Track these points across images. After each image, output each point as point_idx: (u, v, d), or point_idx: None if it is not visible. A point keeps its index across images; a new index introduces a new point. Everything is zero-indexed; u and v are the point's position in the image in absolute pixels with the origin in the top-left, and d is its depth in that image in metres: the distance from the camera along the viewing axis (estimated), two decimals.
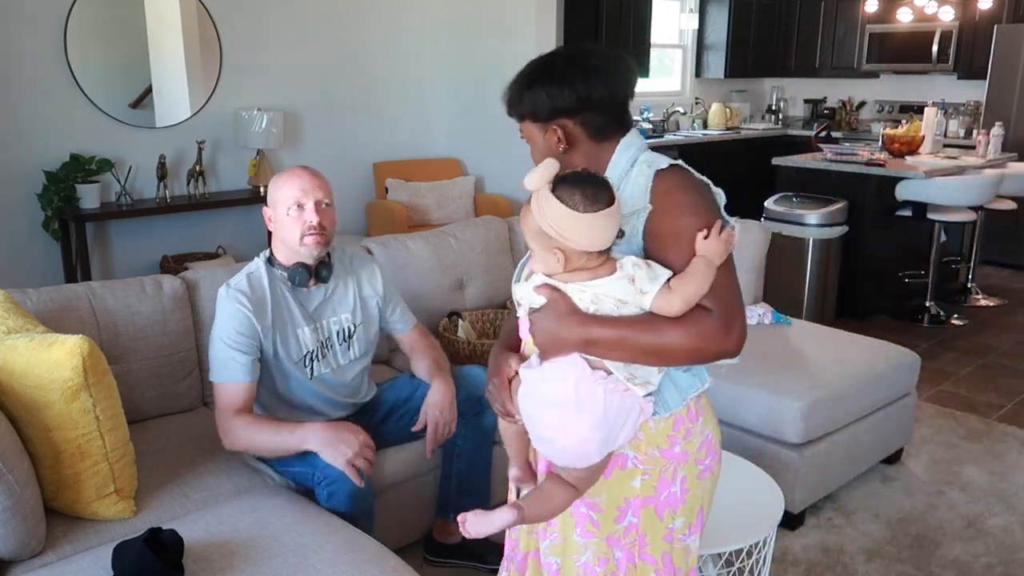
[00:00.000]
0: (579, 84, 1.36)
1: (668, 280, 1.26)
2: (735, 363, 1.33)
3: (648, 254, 1.32)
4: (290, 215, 2.13)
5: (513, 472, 1.48)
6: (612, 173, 1.37)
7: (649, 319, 1.26)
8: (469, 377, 2.45)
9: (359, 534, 1.84)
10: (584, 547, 1.41)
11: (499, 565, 2.43)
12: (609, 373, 1.29)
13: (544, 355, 1.31)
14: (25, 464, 1.77)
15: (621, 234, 1.29)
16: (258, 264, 2.22)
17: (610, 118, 1.40)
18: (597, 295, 1.27)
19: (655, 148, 1.40)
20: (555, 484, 1.36)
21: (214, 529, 1.81)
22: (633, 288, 1.26)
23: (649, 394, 1.32)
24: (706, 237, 1.28)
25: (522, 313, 1.38)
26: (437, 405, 2.25)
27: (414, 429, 2.29)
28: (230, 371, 2.09)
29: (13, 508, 1.69)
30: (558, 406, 1.28)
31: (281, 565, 1.68)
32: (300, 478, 2.11)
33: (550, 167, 1.26)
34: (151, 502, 1.99)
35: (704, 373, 1.40)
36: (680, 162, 1.38)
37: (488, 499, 2.53)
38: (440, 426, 2.25)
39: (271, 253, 2.23)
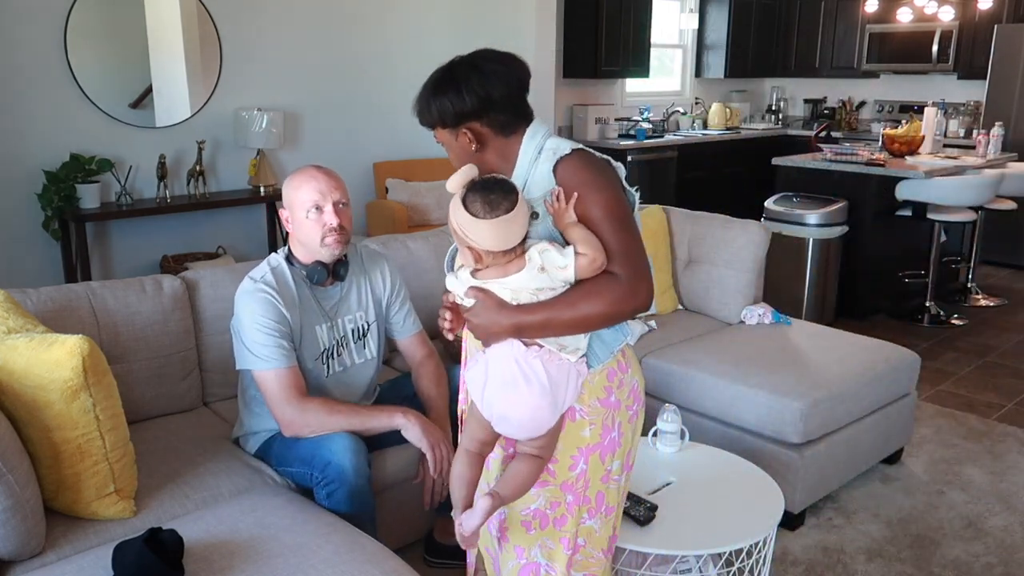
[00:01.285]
0: (478, 87, 1.48)
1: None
2: (652, 312, 1.50)
3: (561, 232, 1.46)
4: (309, 218, 2.13)
5: (468, 522, 1.52)
6: (522, 161, 1.52)
7: (565, 298, 1.42)
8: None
9: (359, 534, 1.84)
10: (536, 496, 1.55)
11: None
12: (542, 347, 1.45)
13: (484, 344, 1.49)
14: (25, 464, 1.77)
15: (535, 215, 1.46)
16: (279, 260, 2.22)
17: (512, 114, 1.52)
18: (513, 290, 1.43)
19: (655, 148, 1.44)
20: (523, 461, 1.51)
21: (214, 529, 1.81)
22: (545, 275, 1.42)
23: (582, 356, 1.48)
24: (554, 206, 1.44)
25: (455, 299, 1.53)
26: (434, 465, 2.17)
27: (415, 482, 2.29)
28: (278, 358, 2.09)
29: (13, 508, 1.69)
30: (508, 384, 1.44)
31: (281, 565, 1.68)
32: (299, 478, 2.11)
33: (467, 173, 1.42)
34: (151, 502, 1.99)
35: (627, 328, 1.54)
36: (581, 146, 1.51)
37: None
38: (436, 483, 2.22)
39: (289, 251, 2.23)
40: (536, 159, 1.51)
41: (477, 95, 1.48)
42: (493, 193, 1.39)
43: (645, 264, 1.45)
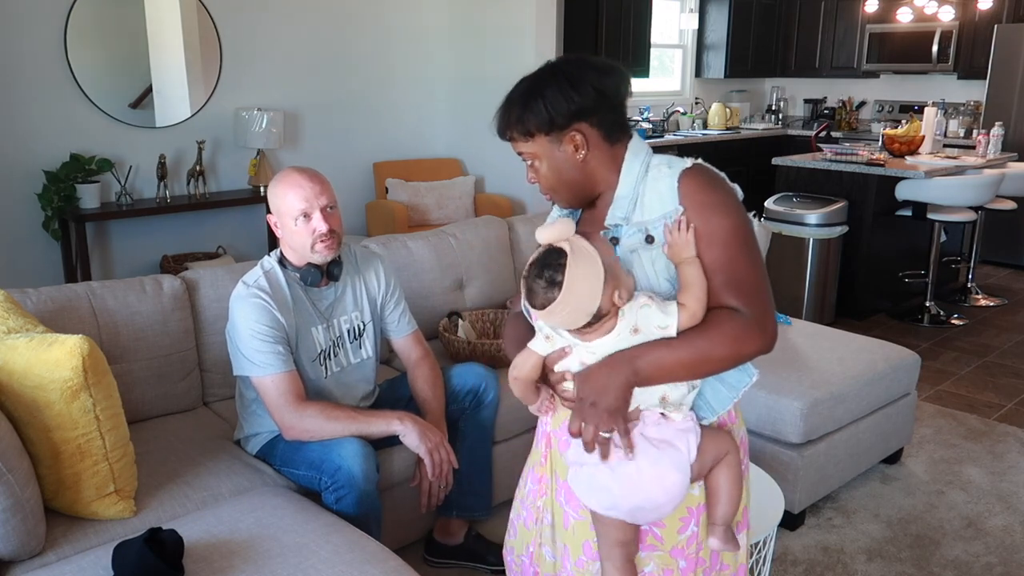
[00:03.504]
0: (594, 80, 1.32)
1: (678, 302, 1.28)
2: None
3: None
4: (298, 225, 2.11)
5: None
6: (627, 178, 1.36)
7: (683, 337, 1.26)
8: (468, 373, 2.45)
9: (359, 534, 1.84)
10: (647, 559, 1.40)
11: (499, 565, 2.45)
12: (645, 420, 1.30)
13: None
14: (25, 464, 1.77)
15: (650, 239, 1.30)
16: (272, 263, 2.20)
17: (620, 117, 1.37)
18: (599, 356, 1.27)
19: (655, 148, 1.40)
20: (723, 472, 1.38)
21: (214, 529, 1.81)
22: (639, 336, 1.26)
23: (690, 411, 1.34)
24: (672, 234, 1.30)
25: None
26: (432, 469, 2.17)
27: (411, 485, 2.29)
28: (275, 364, 2.08)
29: (13, 508, 1.69)
30: (631, 472, 1.29)
31: (281, 565, 1.68)
32: (305, 481, 2.11)
33: (564, 228, 1.23)
34: (151, 502, 1.99)
35: (750, 368, 1.40)
36: (700, 160, 1.37)
37: (490, 497, 2.54)
38: (434, 487, 2.23)
39: (281, 255, 2.22)
40: (644, 176, 1.35)
41: (594, 87, 1.31)
42: (541, 278, 1.22)
43: (770, 300, 1.31)
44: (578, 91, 1.31)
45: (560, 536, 1.48)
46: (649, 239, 1.30)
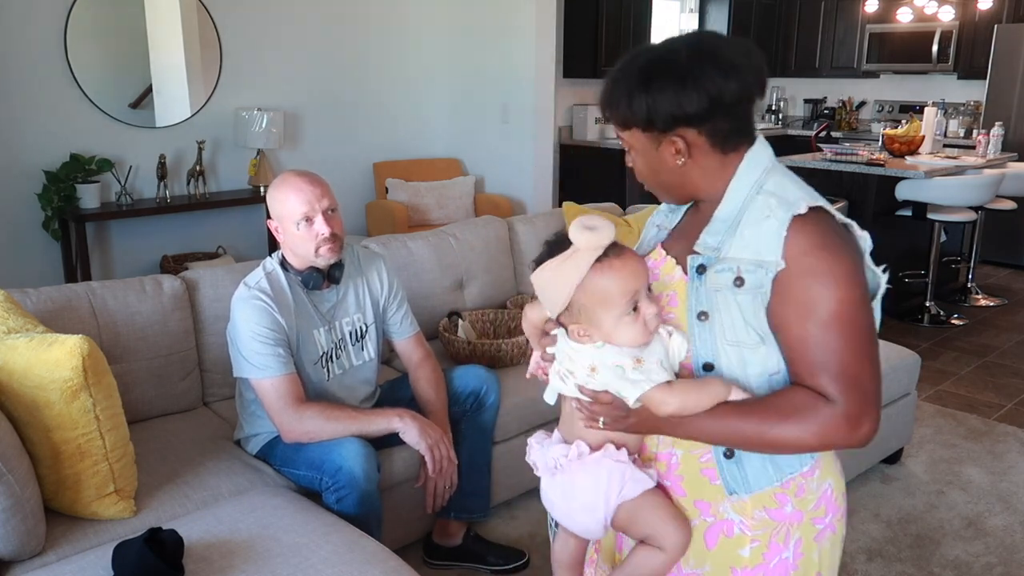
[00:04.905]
0: (710, 83, 1.11)
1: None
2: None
3: (769, 316, 1.12)
4: (300, 229, 2.10)
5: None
6: (734, 195, 1.16)
7: (758, 409, 1.09)
8: (469, 375, 2.45)
9: (359, 534, 1.84)
10: None
11: (498, 566, 2.45)
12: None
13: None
14: (25, 464, 1.77)
15: (740, 282, 1.11)
16: (274, 265, 2.20)
17: (739, 124, 1.17)
18: (570, 360, 1.17)
19: None
20: (639, 551, 1.24)
21: (214, 529, 1.81)
22: (636, 372, 1.11)
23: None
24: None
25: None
26: (433, 465, 2.19)
27: (416, 486, 2.30)
28: (275, 366, 2.08)
29: (13, 508, 1.69)
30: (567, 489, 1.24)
31: (281, 565, 1.68)
32: (306, 481, 2.11)
33: (605, 234, 1.09)
34: (151, 502, 1.99)
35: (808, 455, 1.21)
36: (820, 203, 1.12)
37: (489, 498, 2.54)
38: (438, 486, 2.25)
39: (283, 258, 2.22)
40: (753, 199, 1.14)
41: (708, 94, 1.11)
42: (539, 256, 1.14)
43: (877, 390, 1.09)
44: (689, 95, 1.11)
45: (606, 559, 1.43)
46: (739, 281, 1.11)
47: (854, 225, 1.16)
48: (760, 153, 1.19)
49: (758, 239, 1.11)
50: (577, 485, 1.22)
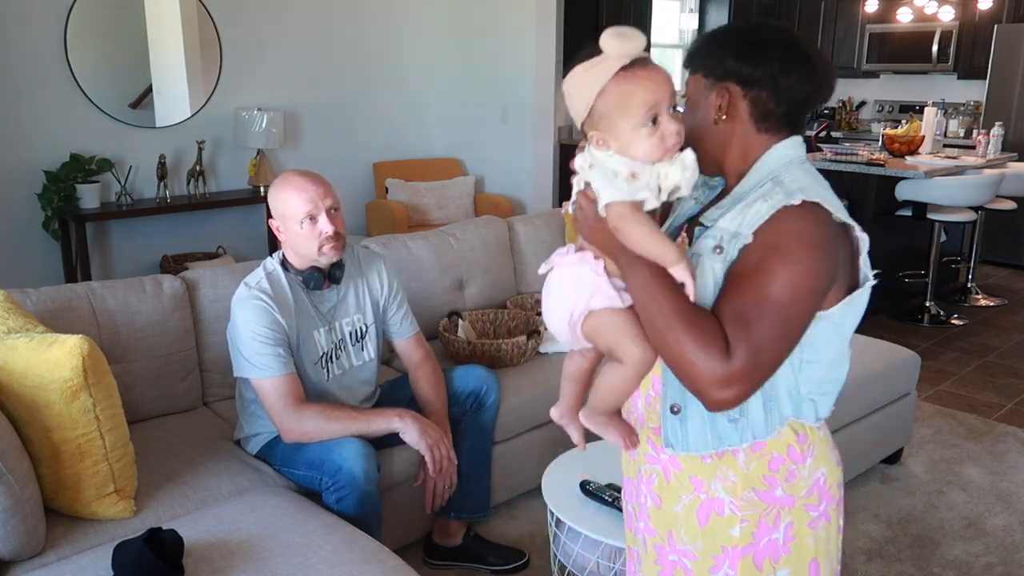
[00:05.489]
0: (775, 60, 1.17)
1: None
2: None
3: (725, 279, 1.16)
4: (303, 228, 2.10)
5: (555, 411, 1.39)
6: (750, 179, 1.21)
7: (685, 303, 1.11)
8: (469, 375, 2.45)
9: (359, 534, 1.84)
10: None
11: (498, 566, 2.45)
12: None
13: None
14: (25, 464, 1.77)
15: (719, 250, 1.16)
16: (274, 265, 2.20)
17: (783, 111, 1.20)
18: (585, 170, 1.17)
19: None
20: (607, 369, 1.26)
21: (214, 529, 1.81)
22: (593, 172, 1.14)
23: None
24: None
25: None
26: (432, 465, 2.20)
27: (415, 485, 2.30)
28: (276, 366, 2.08)
29: (13, 508, 1.69)
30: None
31: (281, 565, 1.68)
32: (306, 481, 2.11)
33: (635, 45, 1.13)
34: (151, 502, 1.99)
35: (824, 407, 1.27)
36: (819, 201, 1.14)
37: (489, 497, 2.54)
38: (438, 486, 2.26)
39: (283, 257, 2.22)
40: (764, 184, 1.19)
41: (768, 65, 1.17)
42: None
43: (763, 377, 1.13)
44: (752, 57, 1.18)
45: (625, 537, 1.48)
46: (718, 249, 1.16)
47: (856, 228, 1.18)
48: (790, 147, 1.23)
49: (745, 216, 1.16)
50: (557, 283, 1.24)
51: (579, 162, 1.17)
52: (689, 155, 1.14)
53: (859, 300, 1.20)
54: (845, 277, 1.18)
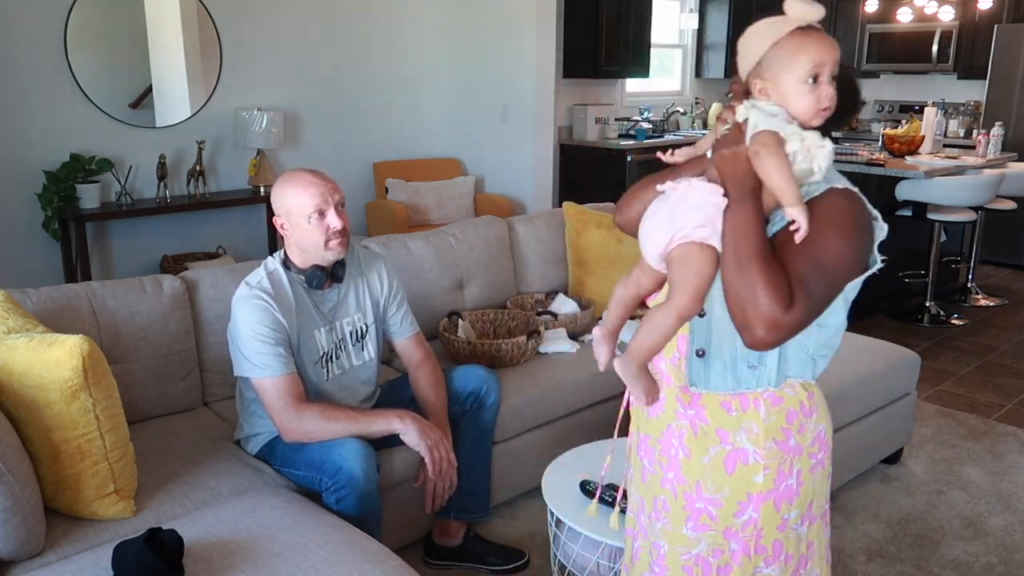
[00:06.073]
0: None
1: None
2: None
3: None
4: (311, 223, 2.10)
5: (597, 331, 1.50)
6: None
7: (767, 246, 1.26)
8: (469, 375, 2.45)
9: (359, 534, 1.84)
10: (697, 540, 1.44)
11: (498, 566, 2.45)
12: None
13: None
14: (25, 464, 1.77)
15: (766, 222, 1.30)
16: (275, 264, 2.20)
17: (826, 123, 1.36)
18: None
19: (655, 148, 1.40)
20: (656, 308, 1.38)
21: (214, 529, 1.81)
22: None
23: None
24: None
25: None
26: (433, 466, 2.20)
27: (415, 485, 2.30)
28: (276, 366, 2.08)
29: (13, 508, 1.69)
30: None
31: (281, 565, 1.68)
32: (306, 481, 2.11)
33: (815, 13, 1.27)
34: (151, 502, 1.99)
35: (820, 367, 1.44)
36: (857, 190, 1.33)
37: (489, 497, 2.54)
38: (438, 487, 2.25)
39: (285, 256, 2.22)
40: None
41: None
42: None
43: (803, 327, 1.28)
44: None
45: (637, 488, 1.56)
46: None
47: (879, 218, 1.36)
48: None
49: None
50: (677, 203, 1.33)
51: (741, 107, 1.30)
52: (831, 146, 1.27)
53: (862, 279, 1.37)
54: None
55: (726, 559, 1.43)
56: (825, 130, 1.33)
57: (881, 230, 1.36)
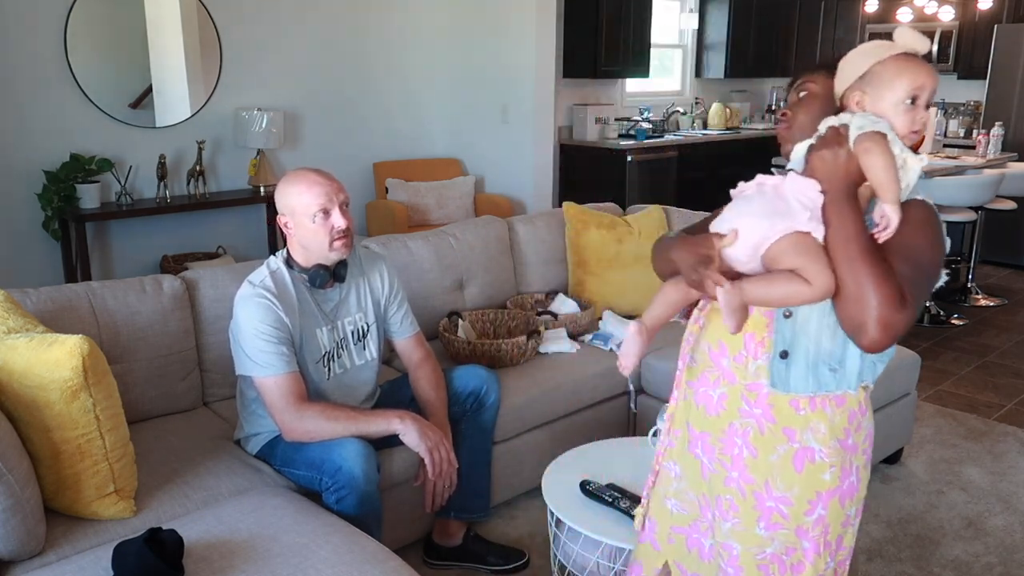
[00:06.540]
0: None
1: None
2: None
3: None
4: (316, 222, 2.10)
5: (635, 325, 1.49)
6: None
7: (877, 245, 1.30)
8: (469, 375, 2.45)
9: (359, 534, 1.84)
10: (770, 539, 1.45)
11: (498, 566, 2.45)
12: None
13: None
14: (25, 464, 1.77)
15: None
16: (278, 263, 2.20)
17: None
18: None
19: (655, 148, 1.41)
20: (786, 275, 1.36)
21: (214, 529, 1.81)
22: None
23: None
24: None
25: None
26: (433, 467, 2.19)
27: (415, 485, 2.30)
28: (279, 364, 2.08)
29: (13, 508, 1.69)
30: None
31: (281, 565, 1.68)
32: (305, 481, 2.11)
33: (923, 44, 1.35)
34: (151, 502, 1.99)
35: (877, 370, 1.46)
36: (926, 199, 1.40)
37: (489, 496, 2.54)
38: (438, 487, 2.25)
39: (288, 255, 2.22)
40: None
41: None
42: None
43: (912, 321, 1.32)
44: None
45: (693, 485, 1.54)
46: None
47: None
48: None
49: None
50: (774, 198, 1.35)
51: (844, 114, 1.35)
52: (926, 162, 1.33)
53: None
54: None
55: (799, 556, 1.46)
56: None
57: (946, 244, 1.43)
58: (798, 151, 1.40)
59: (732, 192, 1.45)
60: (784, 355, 1.38)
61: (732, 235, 1.35)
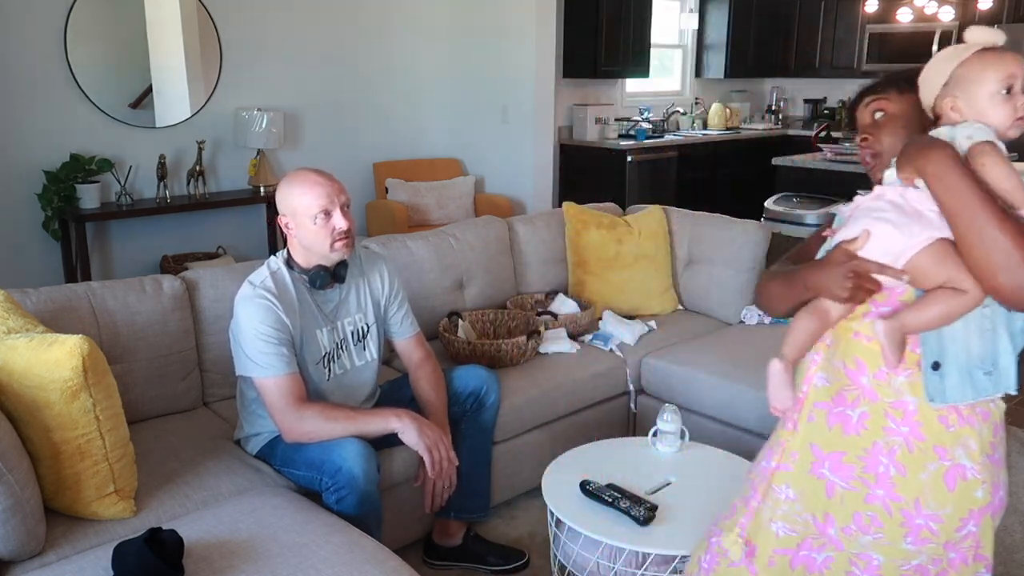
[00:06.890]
0: None
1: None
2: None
3: None
4: (317, 223, 2.10)
5: (778, 363, 1.46)
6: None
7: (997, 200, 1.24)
8: (469, 375, 2.45)
9: (359, 534, 1.84)
10: (917, 553, 1.43)
11: (498, 566, 2.45)
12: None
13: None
14: (25, 464, 1.77)
15: None
16: (279, 264, 2.20)
17: None
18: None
19: (655, 148, 1.41)
20: (942, 292, 1.32)
21: (214, 529, 1.81)
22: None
23: None
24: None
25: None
26: (432, 465, 2.19)
27: (415, 485, 2.30)
28: (279, 365, 2.08)
29: (13, 508, 1.69)
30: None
31: (281, 565, 1.68)
32: (306, 481, 2.11)
33: (997, 37, 1.32)
34: (151, 502, 1.99)
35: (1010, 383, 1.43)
36: None
37: (489, 497, 2.54)
38: (437, 486, 2.25)
39: (288, 255, 2.22)
40: None
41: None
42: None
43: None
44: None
45: (809, 505, 1.49)
46: None
47: None
48: None
49: None
50: (898, 210, 1.32)
51: (944, 128, 1.32)
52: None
53: None
54: None
55: (944, 566, 1.43)
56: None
57: None
58: (889, 176, 1.37)
59: (841, 208, 1.42)
60: (936, 366, 1.35)
61: (864, 235, 1.33)
